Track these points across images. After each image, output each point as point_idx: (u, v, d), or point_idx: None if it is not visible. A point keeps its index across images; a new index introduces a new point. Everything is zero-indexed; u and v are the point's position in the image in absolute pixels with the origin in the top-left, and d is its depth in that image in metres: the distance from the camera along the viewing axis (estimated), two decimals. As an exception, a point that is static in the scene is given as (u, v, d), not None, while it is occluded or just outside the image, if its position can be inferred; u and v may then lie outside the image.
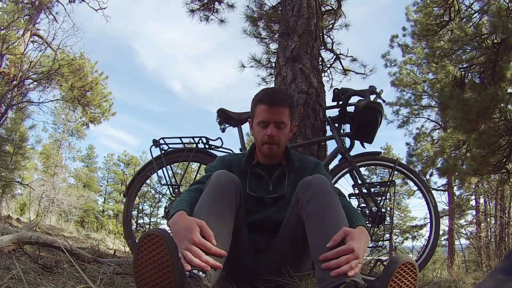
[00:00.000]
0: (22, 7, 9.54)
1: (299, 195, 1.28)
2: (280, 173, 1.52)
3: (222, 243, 1.14)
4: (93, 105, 10.99)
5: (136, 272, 0.91)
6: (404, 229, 17.56)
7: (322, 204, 1.18)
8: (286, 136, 1.50)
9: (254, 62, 4.66)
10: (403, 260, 0.94)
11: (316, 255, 1.12)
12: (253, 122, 1.52)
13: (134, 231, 2.47)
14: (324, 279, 1.05)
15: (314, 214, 1.18)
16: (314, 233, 1.17)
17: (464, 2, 5.26)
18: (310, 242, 1.17)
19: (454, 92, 4.60)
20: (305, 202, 1.23)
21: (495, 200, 9.94)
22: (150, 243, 0.90)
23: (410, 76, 12.84)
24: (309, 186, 1.25)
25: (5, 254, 1.70)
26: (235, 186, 1.27)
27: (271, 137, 1.43)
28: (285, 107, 1.46)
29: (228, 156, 1.62)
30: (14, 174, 10.20)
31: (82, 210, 20.52)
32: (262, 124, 1.46)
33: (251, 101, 1.54)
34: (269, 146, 1.46)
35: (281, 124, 1.45)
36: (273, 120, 1.44)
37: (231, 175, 1.29)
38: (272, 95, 1.48)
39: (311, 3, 3.06)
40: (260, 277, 1.35)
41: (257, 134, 1.49)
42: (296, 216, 1.29)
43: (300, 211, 1.26)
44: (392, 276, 0.92)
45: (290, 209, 1.35)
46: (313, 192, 1.23)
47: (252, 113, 1.53)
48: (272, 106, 1.44)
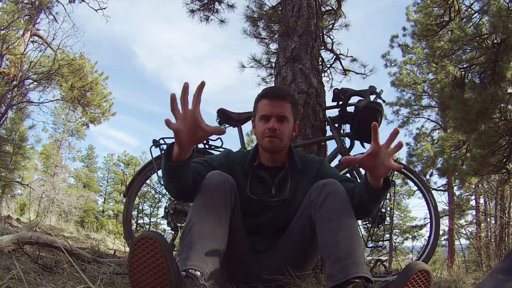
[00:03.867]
0: (22, 7, 9.54)
1: (313, 196, 1.28)
2: (283, 176, 1.49)
3: (218, 243, 1.14)
4: (93, 105, 10.99)
5: (131, 276, 0.91)
6: (404, 229, 17.53)
7: (335, 207, 1.20)
8: (289, 132, 1.47)
9: (254, 62, 4.66)
10: (419, 267, 0.96)
11: (326, 254, 1.14)
12: (255, 118, 1.50)
13: (134, 231, 2.47)
14: (334, 275, 1.07)
15: (328, 214, 1.20)
16: (325, 232, 1.18)
17: (464, 2, 5.27)
18: (321, 241, 1.19)
19: (454, 92, 4.60)
20: (319, 204, 1.24)
21: (495, 200, 9.93)
22: (144, 246, 0.90)
23: (410, 76, 12.83)
24: (324, 189, 1.26)
25: (5, 254, 1.70)
26: (229, 186, 1.27)
27: (272, 130, 1.41)
28: (287, 102, 1.46)
29: (234, 154, 1.57)
30: (14, 174, 10.20)
31: (82, 210, 20.49)
32: (264, 118, 1.44)
33: (254, 102, 1.53)
34: (270, 139, 1.42)
35: (283, 118, 1.43)
36: (275, 113, 1.42)
37: (225, 176, 1.29)
38: (274, 89, 1.53)
39: (311, 3, 3.06)
40: (260, 277, 1.35)
41: (259, 128, 1.46)
42: (307, 217, 1.30)
43: (312, 212, 1.26)
44: (407, 281, 0.93)
45: (301, 210, 1.35)
46: (327, 194, 1.24)
47: (254, 111, 1.52)
48: (274, 99, 1.44)
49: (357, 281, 1.02)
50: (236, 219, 1.28)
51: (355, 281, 1.02)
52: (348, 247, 1.10)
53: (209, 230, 1.13)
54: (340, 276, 1.05)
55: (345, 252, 1.09)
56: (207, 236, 1.13)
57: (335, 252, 1.11)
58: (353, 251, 1.10)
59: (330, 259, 1.11)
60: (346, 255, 1.09)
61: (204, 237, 1.12)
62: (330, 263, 1.11)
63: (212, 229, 1.14)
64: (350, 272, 1.04)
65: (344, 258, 1.08)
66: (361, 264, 1.07)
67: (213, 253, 1.11)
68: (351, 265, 1.06)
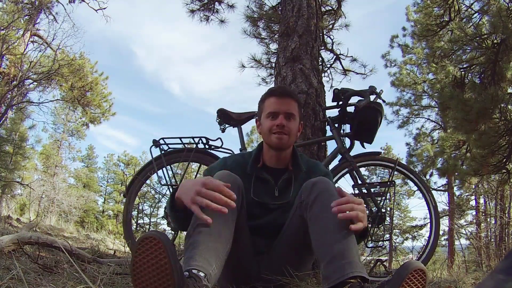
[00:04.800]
0: (22, 7, 9.54)
1: (303, 196, 1.27)
2: (286, 178, 1.49)
3: (223, 244, 1.13)
4: (93, 105, 10.99)
5: (134, 275, 0.91)
6: (404, 229, 17.54)
7: (326, 206, 1.18)
8: (296, 130, 1.48)
9: (254, 62, 4.65)
10: (414, 266, 0.95)
11: (320, 255, 1.12)
12: (261, 116, 1.50)
13: (134, 231, 2.47)
14: (329, 276, 1.05)
15: (319, 215, 1.19)
16: (318, 233, 1.17)
17: (464, 2, 5.27)
18: (314, 242, 1.18)
19: (454, 93, 4.60)
20: (309, 204, 1.23)
21: (495, 200, 9.94)
22: (147, 246, 0.90)
23: (410, 76, 12.84)
24: (314, 188, 1.25)
25: (5, 254, 1.70)
26: (237, 187, 1.26)
27: (281, 126, 1.41)
28: (294, 101, 1.47)
29: (231, 158, 1.56)
30: (14, 174, 10.21)
31: (82, 210, 20.48)
32: (271, 115, 1.45)
33: (258, 102, 1.54)
34: (279, 136, 1.42)
35: (291, 116, 1.44)
36: (283, 110, 1.43)
37: (233, 176, 1.28)
38: (282, 88, 1.57)
39: (311, 3, 3.06)
40: (260, 278, 1.35)
41: (266, 125, 1.46)
42: (299, 217, 1.29)
43: (304, 212, 1.26)
44: (403, 282, 0.93)
45: (293, 210, 1.34)
46: (317, 193, 1.23)
47: (260, 109, 1.52)
48: (282, 97, 1.45)
49: (353, 281, 1.00)
50: (242, 220, 1.28)
51: (351, 281, 1.00)
52: (342, 247, 1.09)
53: (215, 230, 1.11)
54: (336, 277, 1.03)
55: (339, 252, 1.08)
56: (212, 236, 1.11)
57: (328, 253, 1.10)
58: (347, 250, 1.08)
59: (325, 260, 1.09)
60: (340, 255, 1.07)
61: (210, 237, 1.10)
62: (324, 264, 1.09)
63: (218, 229, 1.12)
64: (345, 272, 1.03)
65: (338, 259, 1.07)
66: (355, 264, 1.05)
67: (218, 254, 1.10)
68: (346, 265, 1.04)
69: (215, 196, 1.07)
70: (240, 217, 1.26)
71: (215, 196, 1.07)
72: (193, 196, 1.08)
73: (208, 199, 1.06)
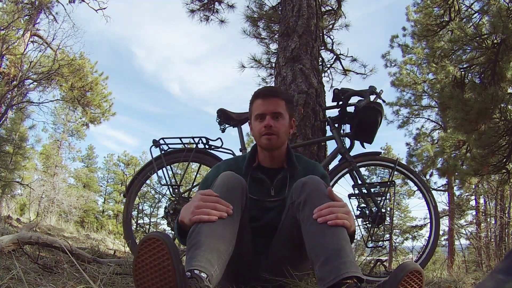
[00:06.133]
0: (22, 7, 9.53)
1: (294, 196, 1.27)
2: (281, 177, 1.49)
3: (226, 244, 1.12)
4: (93, 105, 10.99)
5: (136, 276, 0.91)
6: (404, 229, 17.54)
7: (317, 206, 1.18)
8: (285, 129, 1.48)
9: (254, 62, 4.66)
10: (411, 268, 0.94)
11: (314, 256, 1.12)
12: (251, 120, 1.53)
13: (134, 231, 2.47)
14: (325, 278, 1.04)
15: (311, 215, 1.18)
16: (310, 234, 1.16)
17: (464, 2, 5.26)
18: (307, 243, 1.17)
19: (454, 93, 4.59)
20: (301, 204, 1.22)
21: (495, 200, 9.94)
22: (150, 247, 0.89)
23: (410, 76, 12.83)
24: (304, 188, 1.24)
25: (5, 254, 1.70)
26: (242, 188, 1.26)
27: (268, 127, 1.43)
28: (280, 99, 1.48)
29: (224, 164, 1.57)
30: (14, 174, 10.20)
31: (82, 210, 20.48)
32: (259, 117, 1.47)
33: (249, 104, 1.55)
34: (267, 137, 1.44)
35: (278, 115, 1.46)
36: (269, 111, 1.45)
37: (237, 177, 1.28)
38: (266, 89, 1.56)
39: (311, 3, 3.06)
40: (260, 278, 1.34)
41: (255, 128, 1.49)
42: (291, 217, 1.29)
43: (296, 213, 1.25)
44: (399, 283, 0.93)
45: (285, 211, 1.34)
46: (307, 194, 1.22)
47: (249, 112, 1.55)
48: (266, 98, 1.47)
49: (349, 282, 0.99)
50: (245, 221, 1.27)
51: (347, 282, 0.99)
52: (336, 247, 1.08)
53: (218, 231, 1.11)
54: (331, 278, 1.02)
55: (333, 253, 1.07)
56: (215, 237, 1.10)
57: (323, 254, 1.08)
58: (341, 250, 1.07)
59: (319, 261, 1.08)
60: (334, 255, 1.06)
61: (213, 237, 1.09)
62: (319, 265, 1.08)
63: (221, 230, 1.12)
64: (341, 272, 1.01)
65: (332, 259, 1.05)
66: (350, 263, 1.04)
67: (220, 255, 1.09)
68: (341, 266, 1.03)
69: (216, 207, 1.15)
70: (243, 219, 1.26)
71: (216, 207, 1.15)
72: (194, 210, 1.14)
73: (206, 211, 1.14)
